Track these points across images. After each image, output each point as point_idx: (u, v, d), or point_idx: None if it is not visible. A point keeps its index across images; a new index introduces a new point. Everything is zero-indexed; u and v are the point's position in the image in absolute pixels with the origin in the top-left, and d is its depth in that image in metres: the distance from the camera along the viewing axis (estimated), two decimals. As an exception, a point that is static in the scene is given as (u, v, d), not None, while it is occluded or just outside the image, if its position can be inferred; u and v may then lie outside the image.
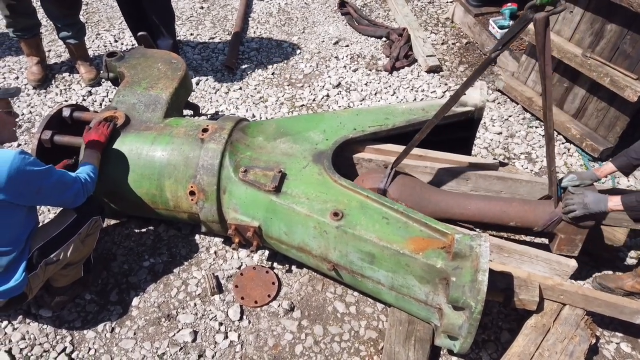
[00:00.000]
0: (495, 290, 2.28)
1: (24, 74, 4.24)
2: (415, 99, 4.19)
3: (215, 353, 2.50)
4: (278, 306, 2.70)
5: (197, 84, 4.29)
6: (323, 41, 4.93)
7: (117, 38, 4.85)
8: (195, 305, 2.69)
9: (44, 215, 3.10)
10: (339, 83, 4.35)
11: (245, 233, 2.59)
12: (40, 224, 2.45)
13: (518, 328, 2.42)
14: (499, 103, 4.17)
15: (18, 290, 2.22)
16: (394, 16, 5.34)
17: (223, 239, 3.02)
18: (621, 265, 2.93)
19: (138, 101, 2.94)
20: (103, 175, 2.61)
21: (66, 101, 4.01)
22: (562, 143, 3.79)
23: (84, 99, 4.06)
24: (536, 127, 3.91)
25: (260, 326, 2.62)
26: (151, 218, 3.05)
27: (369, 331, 2.61)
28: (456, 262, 2.05)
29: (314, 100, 4.17)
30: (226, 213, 2.62)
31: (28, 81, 4.13)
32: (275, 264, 2.90)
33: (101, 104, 4.03)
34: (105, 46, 4.73)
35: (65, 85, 4.20)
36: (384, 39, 4.92)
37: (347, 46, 4.86)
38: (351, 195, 2.42)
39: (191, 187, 2.59)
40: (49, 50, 4.57)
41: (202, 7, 5.45)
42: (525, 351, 2.24)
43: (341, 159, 2.82)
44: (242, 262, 2.91)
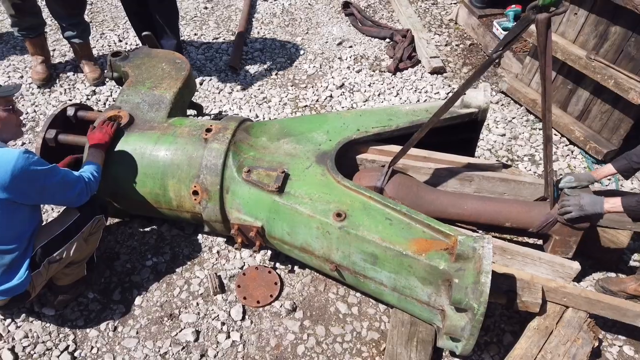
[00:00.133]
0: (498, 292, 2.28)
1: (29, 73, 4.25)
2: (418, 100, 4.19)
3: (217, 353, 2.50)
4: (280, 306, 2.70)
5: (201, 84, 4.29)
6: (327, 42, 4.94)
7: (122, 38, 4.87)
8: (197, 304, 2.70)
9: (48, 213, 3.11)
10: (343, 84, 4.35)
11: (248, 233, 2.59)
12: (43, 223, 2.46)
13: (520, 330, 2.41)
14: (503, 105, 4.17)
15: (21, 288, 2.23)
16: (398, 17, 5.34)
17: (226, 239, 3.02)
18: (624, 268, 2.92)
19: (142, 101, 2.94)
20: (106, 174, 2.62)
21: (70, 100, 4.03)
22: (566, 145, 3.78)
23: (88, 99, 4.07)
24: (540, 129, 3.90)
25: (262, 326, 2.62)
26: (154, 217, 3.05)
27: (371, 332, 2.61)
28: (459, 264, 2.05)
29: (317, 100, 4.18)
30: (229, 213, 2.63)
31: (32, 80, 4.15)
32: (277, 264, 2.90)
33: (105, 104, 4.04)
34: (109, 46, 4.74)
35: (69, 84, 4.21)
36: (388, 40, 4.92)
37: (351, 47, 4.86)
38: (354, 196, 2.42)
39: (194, 187, 2.60)
40: (54, 49, 4.58)
41: (206, 8, 5.46)
42: (527, 353, 2.24)
43: (344, 160, 2.82)
44: (245, 262, 2.91)
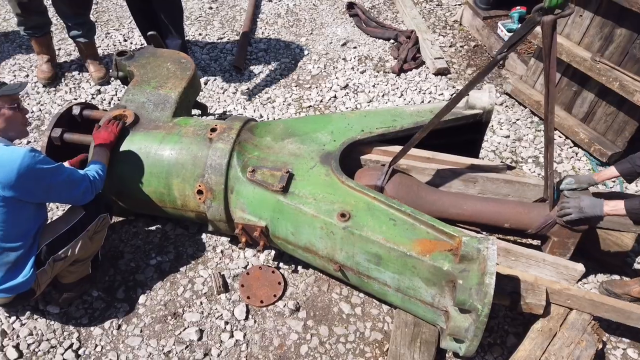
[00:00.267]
0: (502, 293, 2.27)
1: (34, 72, 4.27)
2: (422, 101, 4.19)
3: (220, 352, 2.50)
4: (284, 306, 2.70)
5: (206, 84, 4.30)
6: (331, 42, 4.94)
7: (127, 37, 4.88)
8: (201, 303, 2.70)
9: (53, 212, 3.13)
10: (347, 84, 4.35)
11: (252, 233, 2.60)
12: (49, 221, 2.47)
13: (524, 332, 2.41)
14: (507, 106, 4.16)
15: (26, 286, 2.24)
16: (402, 18, 5.34)
17: (230, 238, 3.03)
18: (628, 270, 2.92)
19: (147, 100, 2.95)
20: (112, 173, 2.63)
21: (75, 99, 4.04)
22: (570, 147, 3.77)
23: (93, 98, 4.08)
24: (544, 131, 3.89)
25: (265, 326, 2.62)
26: (159, 216, 3.06)
27: (375, 333, 2.61)
28: (463, 265, 2.05)
29: (322, 101, 4.18)
30: (233, 212, 2.63)
31: (38, 79, 4.17)
32: (281, 264, 2.91)
33: (110, 103, 4.06)
34: (114, 45, 4.76)
35: (74, 83, 4.22)
36: (392, 41, 4.92)
37: (355, 48, 4.86)
38: (358, 196, 2.42)
39: (199, 186, 2.60)
40: (59, 48, 4.60)
41: (211, 8, 5.47)
42: (531, 355, 2.23)
43: (349, 160, 2.82)
44: (249, 262, 2.92)
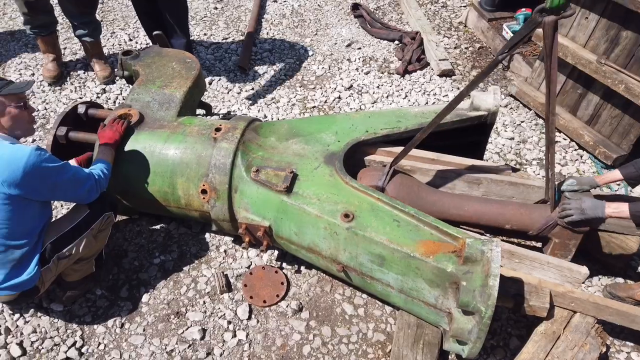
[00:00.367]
0: (505, 295, 2.27)
1: (40, 71, 4.29)
2: (427, 103, 4.18)
3: (223, 351, 2.51)
4: (286, 306, 2.70)
5: (210, 84, 4.31)
6: (335, 43, 4.94)
7: (132, 37, 4.90)
8: (204, 303, 2.71)
9: (57, 210, 3.14)
10: (351, 85, 4.35)
11: (255, 232, 2.60)
12: (53, 219, 2.48)
13: (527, 335, 2.40)
14: (512, 108, 4.16)
15: (30, 283, 2.25)
16: (407, 19, 5.34)
17: (233, 238, 3.03)
18: (632, 274, 2.90)
19: (152, 99, 2.96)
20: (116, 172, 2.64)
21: (81, 98, 4.06)
22: (575, 150, 3.76)
23: (98, 97, 4.09)
24: (549, 133, 3.89)
25: (268, 326, 2.62)
26: (162, 216, 3.07)
27: (377, 334, 2.61)
28: (467, 267, 2.05)
29: (326, 102, 4.18)
30: (237, 212, 2.63)
31: (44, 78, 4.19)
32: (284, 264, 2.91)
33: (115, 102, 4.07)
34: (120, 45, 4.78)
35: (80, 82, 4.24)
36: (397, 42, 4.92)
37: (360, 49, 4.86)
38: (362, 197, 2.42)
39: (203, 186, 2.61)
40: (65, 47, 4.62)
41: (216, 8, 5.48)
42: (534, 358, 2.23)
43: (353, 161, 2.82)
44: (252, 262, 2.92)
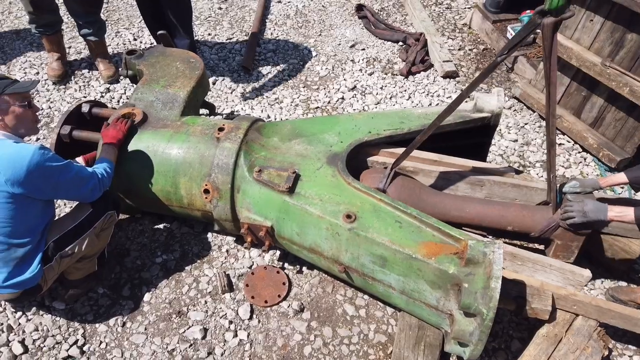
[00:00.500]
0: (507, 298, 2.26)
1: (45, 70, 4.31)
2: (430, 104, 4.18)
3: (224, 351, 2.51)
4: (288, 306, 2.70)
5: (214, 84, 4.32)
6: (339, 44, 4.94)
7: (137, 36, 4.91)
8: (206, 302, 2.71)
9: (61, 208, 3.15)
10: (355, 86, 4.35)
11: (257, 232, 2.60)
12: (56, 217, 2.49)
13: (529, 337, 2.40)
14: (515, 110, 4.15)
15: (33, 282, 2.26)
16: (411, 21, 5.33)
17: (235, 238, 3.04)
18: (635, 277, 2.89)
19: (156, 99, 2.97)
20: (119, 171, 2.65)
21: (85, 97, 4.07)
22: (579, 152, 3.75)
23: (102, 96, 4.11)
24: (552, 136, 3.87)
25: (269, 326, 2.63)
26: (165, 215, 3.07)
27: (378, 335, 2.61)
28: (469, 269, 2.04)
29: (329, 102, 4.18)
30: (239, 212, 2.64)
31: (48, 77, 4.20)
32: (286, 265, 2.91)
33: (119, 101, 4.08)
34: (124, 44, 4.79)
35: (84, 81, 4.26)
36: (401, 44, 4.91)
37: (364, 50, 4.86)
38: (364, 198, 2.42)
39: (205, 185, 2.61)
40: (69, 46, 4.64)
41: (221, 8, 5.49)
42: (536, 360, 2.22)
43: (356, 162, 2.82)
44: (254, 262, 2.92)
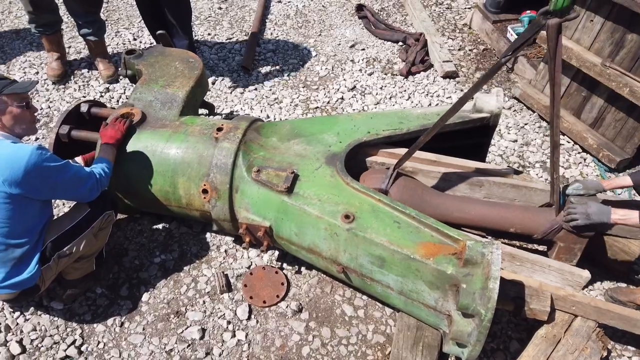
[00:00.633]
0: (505, 298, 2.26)
1: (44, 69, 4.31)
2: (430, 104, 4.17)
3: (222, 351, 2.51)
4: (286, 307, 2.70)
5: (213, 84, 4.32)
6: (339, 44, 4.94)
7: (136, 36, 4.91)
8: (204, 302, 2.71)
9: (59, 208, 3.15)
10: (354, 86, 4.35)
11: (256, 233, 2.59)
12: (54, 217, 2.49)
13: (528, 338, 2.39)
14: (515, 110, 4.14)
15: (31, 282, 2.26)
16: (411, 21, 5.33)
17: (234, 238, 3.03)
18: (634, 278, 2.89)
19: (154, 99, 2.97)
20: (118, 171, 2.64)
21: (84, 97, 4.07)
22: (579, 153, 3.74)
23: (102, 95, 4.11)
24: (552, 136, 3.87)
25: (268, 326, 2.62)
26: (164, 215, 3.07)
27: (377, 335, 2.60)
28: (467, 269, 2.04)
29: (329, 102, 4.18)
30: (238, 212, 2.63)
31: (48, 76, 4.20)
32: (284, 265, 2.91)
33: (118, 101, 4.08)
34: (124, 44, 4.79)
35: (83, 81, 4.26)
36: (401, 44, 4.91)
37: (364, 50, 4.86)
38: (363, 198, 2.41)
39: (204, 185, 2.61)
40: (69, 46, 4.64)
41: (221, 8, 5.49)
42: (534, 361, 2.22)
43: (354, 162, 2.81)
44: (252, 262, 2.92)
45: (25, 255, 2.23)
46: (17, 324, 2.56)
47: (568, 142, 3.80)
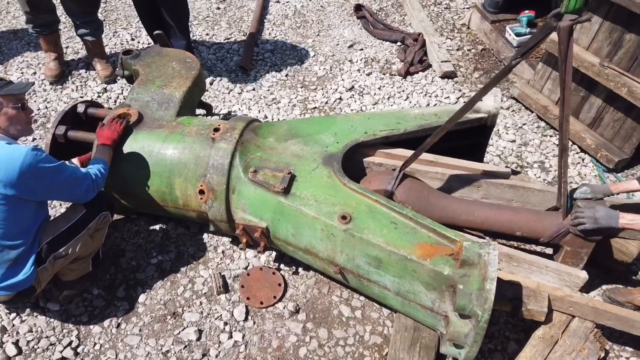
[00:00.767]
0: (502, 299, 2.25)
1: (42, 70, 4.30)
2: (428, 104, 4.16)
3: (219, 352, 2.50)
4: (283, 308, 2.69)
5: (211, 84, 4.31)
6: (338, 44, 4.93)
7: (134, 36, 4.90)
8: (201, 303, 2.70)
9: (56, 209, 3.14)
10: (352, 86, 4.34)
11: (252, 233, 2.59)
12: (51, 218, 2.48)
13: (525, 339, 2.38)
14: (513, 111, 4.13)
15: (27, 283, 2.25)
16: (410, 21, 5.32)
17: (231, 239, 3.03)
18: (632, 279, 2.88)
19: (151, 99, 2.96)
20: (114, 172, 2.64)
21: (82, 97, 4.06)
22: (577, 153, 3.73)
23: (99, 96, 4.10)
24: (550, 136, 3.86)
25: (264, 327, 2.61)
26: (161, 216, 3.06)
27: (374, 336, 2.59)
28: (464, 270, 2.03)
29: (327, 103, 4.17)
30: (234, 213, 2.63)
31: (45, 77, 4.20)
32: (282, 266, 2.90)
33: (116, 101, 4.07)
34: (122, 44, 4.78)
35: (81, 81, 4.25)
36: (399, 44, 4.90)
37: (362, 50, 4.85)
38: (360, 198, 2.41)
39: (201, 186, 2.60)
40: (67, 46, 4.63)
41: (219, 8, 5.48)
42: (532, 362, 2.21)
43: (352, 163, 2.81)
44: (249, 263, 2.91)
45: (20, 256, 2.22)
46: (13, 325, 2.56)
47: (566, 142, 3.80)
